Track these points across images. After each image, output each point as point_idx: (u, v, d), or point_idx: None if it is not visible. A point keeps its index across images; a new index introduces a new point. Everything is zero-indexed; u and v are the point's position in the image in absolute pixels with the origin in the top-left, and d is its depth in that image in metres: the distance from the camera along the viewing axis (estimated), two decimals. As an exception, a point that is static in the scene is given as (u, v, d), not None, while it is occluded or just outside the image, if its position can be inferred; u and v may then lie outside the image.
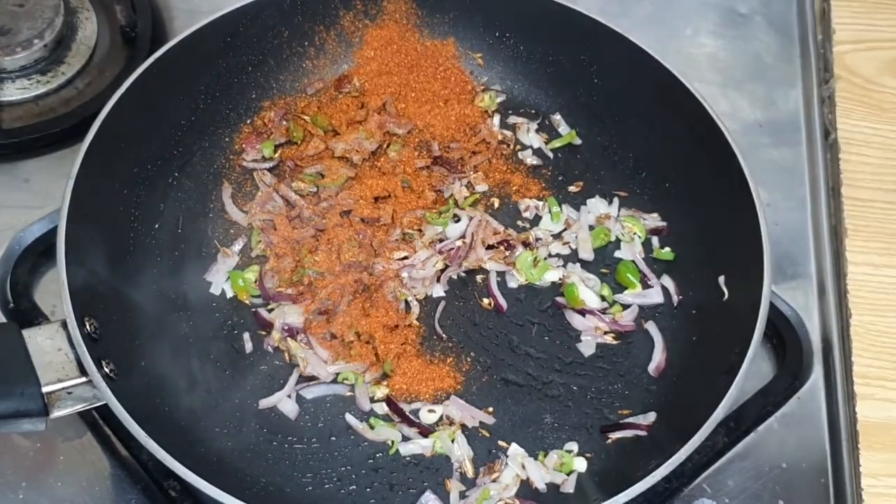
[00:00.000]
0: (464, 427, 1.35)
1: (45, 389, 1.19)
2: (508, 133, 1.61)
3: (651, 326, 1.44)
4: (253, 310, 1.43)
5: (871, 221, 1.57)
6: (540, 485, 1.31)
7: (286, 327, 1.40)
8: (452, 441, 1.33)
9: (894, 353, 1.46)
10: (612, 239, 1.52)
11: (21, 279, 1.46)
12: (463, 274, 1.48)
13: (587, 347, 1.42)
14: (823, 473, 1.39)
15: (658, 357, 1.42)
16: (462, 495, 1.30)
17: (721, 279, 1.41)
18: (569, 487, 1.31)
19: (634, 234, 1.51)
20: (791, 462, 1.39)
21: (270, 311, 1.42)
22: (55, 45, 1.64)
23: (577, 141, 1.60)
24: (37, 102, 1.62)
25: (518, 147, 1.60)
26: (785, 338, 1.47)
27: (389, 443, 1.34)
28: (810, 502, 1.37)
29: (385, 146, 1.56)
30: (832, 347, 1.48)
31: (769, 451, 1.40)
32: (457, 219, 1.51)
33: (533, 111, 1.64)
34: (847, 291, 1.50)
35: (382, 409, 1.36)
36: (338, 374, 1.38)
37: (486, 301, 1.46)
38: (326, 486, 1.31)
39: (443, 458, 1.33)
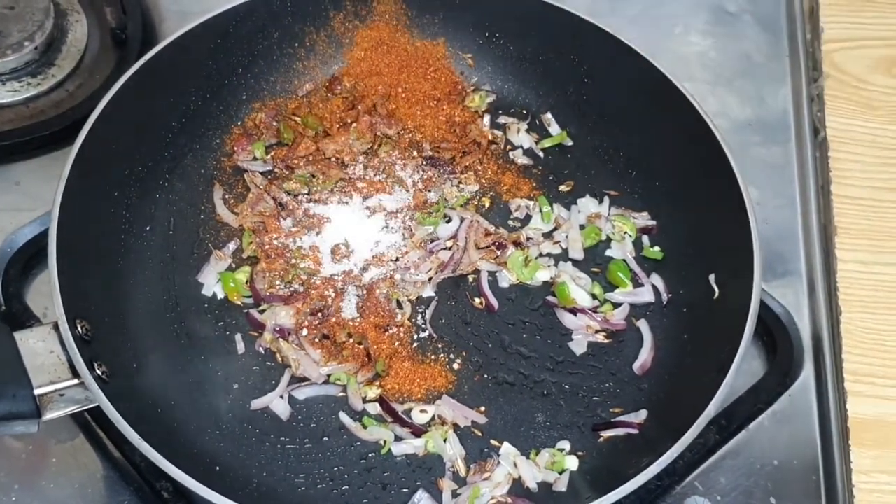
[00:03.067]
0: (456, 426, 1.35)
1: (37, 392, 1.19)
2: (499, 133, 1.61)
3: (643, 325, 1.45)
4: (245, 311, 1.43)
5: (861, 219, 1.58)
6: (531, 484, 1.31)
7: (278, 328, 1.40)
8: (445, 441, 1.33)
9: (884, 350, 1.46)
10: (603, 238, 1.52)
11: (12, 281, 1.46)
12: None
13: (579, 346, 1.43)
14: (815, 470, 1.39)
15: (644, 356, 1.42)
16: (454, 494, 1.30)
17: (711, 277, 1.41)
18: (561, 486, 1.31)
19: (625, 232, 1.52)
20: (782, 459, 1.40)
21: (262, 312, 1.42)
22: (45, 47, 1.64)
23: (568, 141, 1.61)
24: (27, 105, 1.62)
25: (508, 147, 1.60)
26: (775, 335, 1.48)
27: (382, 443, 1.34)
28: (802, 499, 1.37)
29: (376, 147, 1.56)
30: (822, 345, 1.49)
31: (760, 449, 1.40)
32: (448, 219, 1.51)
33: (523, 111, 1.64)
34: (837, 289, 1.51)
35: (375, 409, 1.36)
36: (330, 374, 1.38)
37: (477, 300, 1.46)
38: (319, 486, 1.31)
39: (435, 457, 1.33)
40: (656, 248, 1.51)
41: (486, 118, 1.62)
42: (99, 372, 1.23)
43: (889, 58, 1.74)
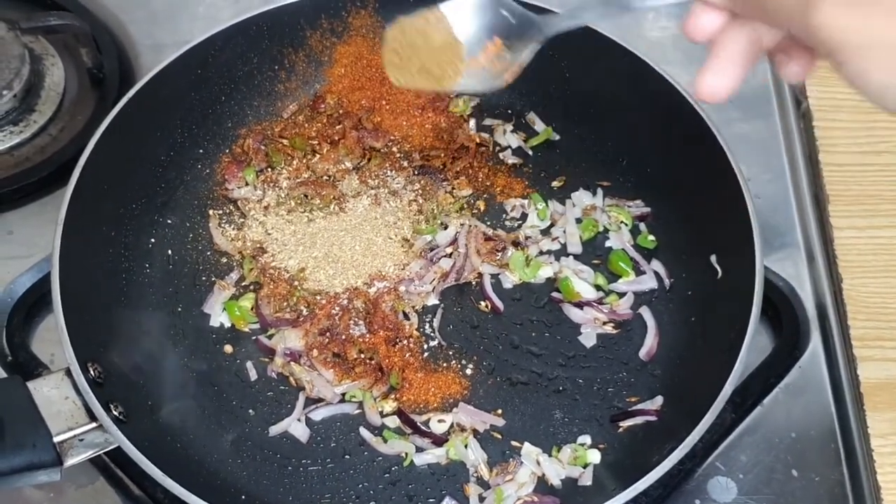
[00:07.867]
0: (475, 432, 1.35)
1: (56, 439, 1.19)
2: (486, 135, 1.61)
3: (645, 311, 1.45)
4: (253, 338, 1.43)
5: (851, 185, 1.58)
6: (555, 481, 1.32)
7: (288, 352, 1.40)
8: (466, 447, 1.33)
9: (889, 313, 1.47)
10: (601, 229, 1.52)
11: (17, 331, 1.45)
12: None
13: (588, 339, 1.43)
14: (833, 439, 1.40)
15: (650, 342, 1.43)
16: (481, 498, 1.31)
17: (713, 258, 1.42)
18: (586, 480, 1.31)
19: (621, 222, 1.52)
20: (800, 431, 1.40)
21: (270, 337, 1.43)
22: (24, 94, 1.63)
23: (555, 136, 1.61)
24: (12, 153, 1.62)
25: (497, 148, 1.61)
26: (780, 309, 1.48)
27: (404, 455, 1.34)
28: (823, 468, 1.38)
29: (366, 161, 1.56)
30: (827, 314, 1.49)
31: (777, 423, 1.41)
32: (444, 226, 1.51)
33: (508, 111, 1.64)
34: (836, 257, 1.51)
35: (394, 422, 1.36)
36: (344, 393, 1.38)
37: (482, 304, 1.47)
38: (346, 504, 1.31)
39: (458, 464, 1.33)
40: (650, 237, 1.52)
41: (472, 122, 1.62)
42: (116, 413, 1.23)
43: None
